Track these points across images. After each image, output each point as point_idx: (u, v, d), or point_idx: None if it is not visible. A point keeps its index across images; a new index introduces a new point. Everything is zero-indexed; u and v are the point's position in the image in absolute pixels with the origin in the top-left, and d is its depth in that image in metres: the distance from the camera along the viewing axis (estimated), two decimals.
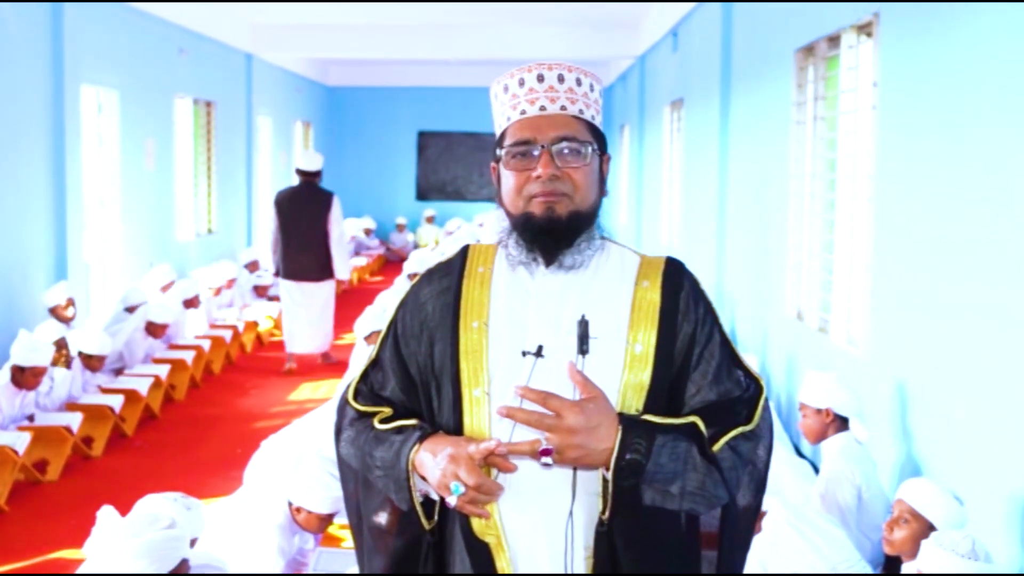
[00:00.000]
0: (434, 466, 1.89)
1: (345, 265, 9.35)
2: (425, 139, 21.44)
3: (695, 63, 10.32)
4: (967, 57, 4.33)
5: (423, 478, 1.94)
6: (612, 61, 17.56)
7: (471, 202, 21.11)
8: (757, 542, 3.78)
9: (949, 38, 4.49)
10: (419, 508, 1.97)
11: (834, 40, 6.21)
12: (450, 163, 21.42)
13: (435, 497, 1.98)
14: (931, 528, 3.65)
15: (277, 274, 9.36)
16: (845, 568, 3.69)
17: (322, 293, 9.35)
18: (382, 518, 2.07)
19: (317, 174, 9.24)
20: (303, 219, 9.12)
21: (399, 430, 2.00)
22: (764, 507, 3.84)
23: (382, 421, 2.05)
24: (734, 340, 8.60)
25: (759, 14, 8.02)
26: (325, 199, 9.18)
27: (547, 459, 1.83)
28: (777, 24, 7.42)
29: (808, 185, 6.76)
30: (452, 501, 1.88)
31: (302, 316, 9.35)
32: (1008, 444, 3.88)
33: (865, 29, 5.67)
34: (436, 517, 2.00)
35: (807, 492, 4.55)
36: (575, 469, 1.89)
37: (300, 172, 9.25)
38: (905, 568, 3.69)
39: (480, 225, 17.22)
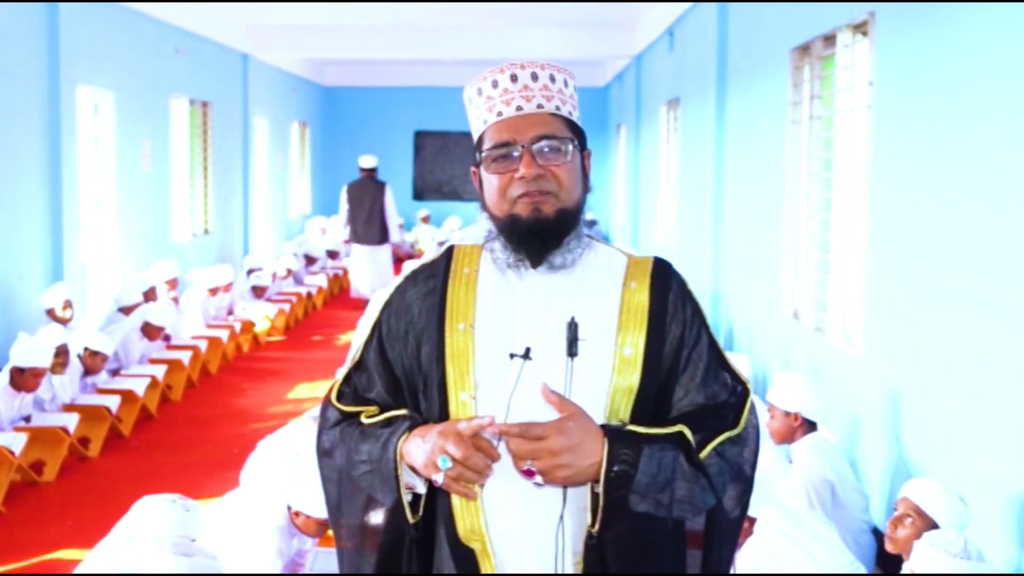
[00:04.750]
0: (423, 445, 1.88)
1: (397, 232, 13.27)
2: (421, 139, 21.43)
3: (691, 63, 10.33)
4: (962, 56, 4.34)
5: (412, 469, 1.93)
6: (608, 61, 17.56)
7: (468, 201, 21.09)
8: (750, 548, 3.78)
9: (944, 37, 4.50)
10: (405, 501, 1.95)
11: (830, 39, 6.21)
12: (446, 163, 21.42)
13: (421, 490, 1.96)
14: (934, 527, 3.65)
15: (348, 241, 13.18)
16: (840, 572, 3.69)
17: (382, 252, 12.96)
18: (366, 519, 2.05)
19: (374, 170, 12.98)
20: (366, 201, 12.78)
21: (388, 422, 2.00)
22: (757, 513, 3.84)
23: (369, 417, 2.04)
24: (730, 339, 8.68)
25: (755, 13, 8.03)
26: (381, 187, 12.91)
27: (537, 478, 1.83)
28: (773, 23, 7.43)
29: (804, 184, 6.77)
30: (439, 479, 1.86)
31: (367, 269, 12.93)
32: (1004, 444, 3.89)
33: (860, 28, 5.68)
34: (421, 512, 1.97)
35: (782, 491, 4.54)
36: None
37: (362, 169, 12.97)
38: (905, 567, 3.69)
39: None
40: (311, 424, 5.42)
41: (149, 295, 9.31)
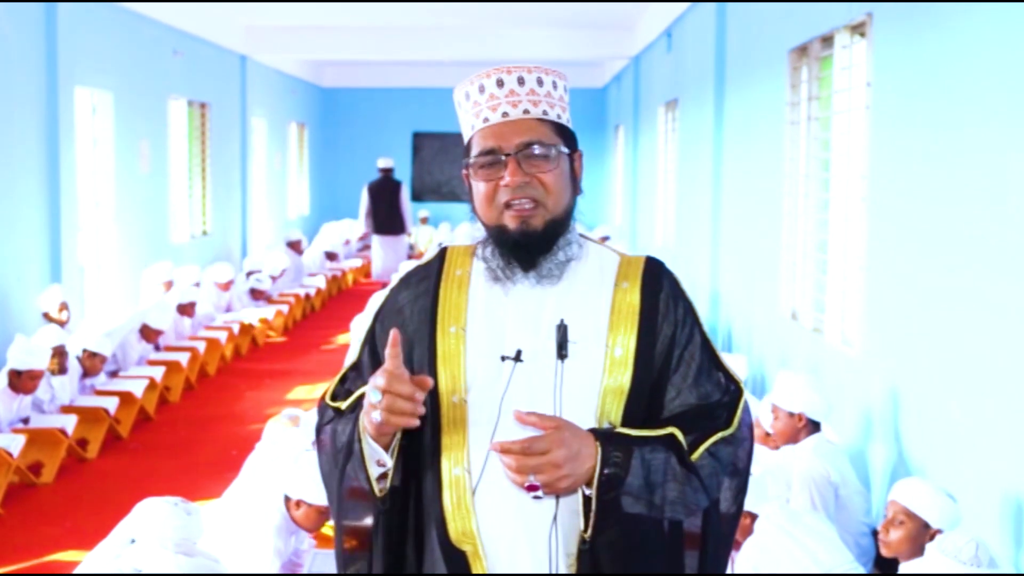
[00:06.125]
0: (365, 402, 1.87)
1: (411, 224, 15.05)
2: (419, 140, 21.43)
3: (689, 63, 10.33)
4: (960, 57, 4.34)
5: (378, 443, 1.90)
6: (607, 62, 17.57)
7: (466, 203, 20.98)
8: (750, 546, 3.78)
9: (942, 38, 4.50)
10: (372, 476, 1.92)
11: (827, 40, 6.22)
12: (444, 164, 21.41)
13: (388, 463, 1.92)
14: (926, 527, 3.65)
15: (367, 234, 14.62)
16: (839, 571, 3.70)
17: (399, 242, 14.43)
18: (349, 511, 2.05)
19: (391, 169, 14.45)
20: (385, 197, 14.21)
21: (357, 404, 1.99)
22: (758, 511, 3.84)
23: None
24: (728, 340, 8.68)
25: (753, 14, 8.03)
26: (398, 185, 14.43)
27: (537, 493, 1.82)
28: (771, 24, 7.43)
29: (802, 185, 6.77)
30: (376, 416, 1.82)
31: (386, 255, 14.31)
32: (1002, 444, 3.89)
33: (858, 29, 5.69)
34: (389, 485, 1.95)
35: (783, 492, 4.54)
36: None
37: (380, 169, 14.37)
38: (903, 568, 3.69)
39: None
40: (287, 424, 5.44)
41: (186, 310, 9.35)
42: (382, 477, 1.94)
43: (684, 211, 10.74)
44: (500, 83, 1.97)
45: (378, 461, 1.92)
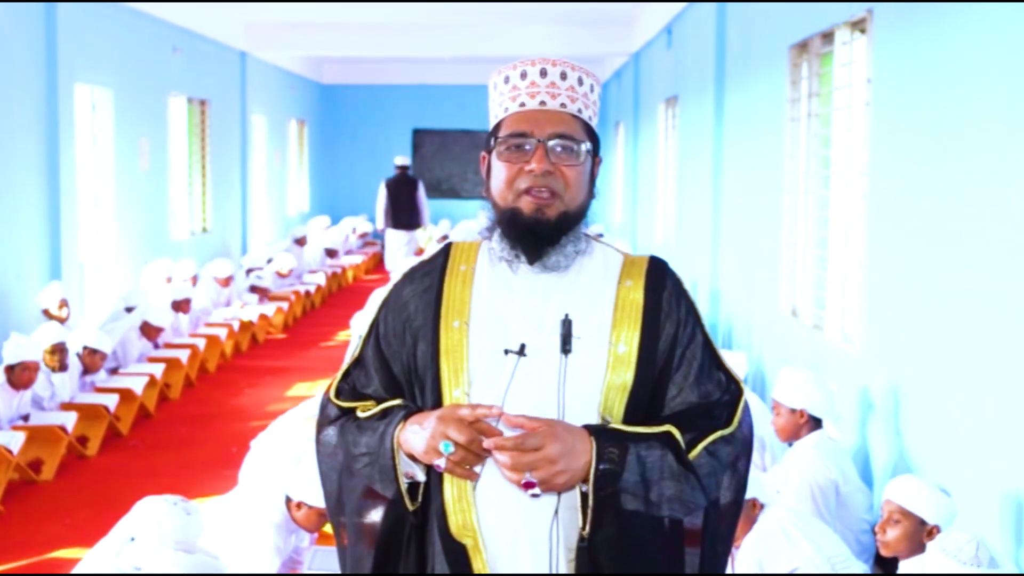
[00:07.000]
0: (421, 432, 1.89)
1: (427, 219, 15.10)
2: (420, 137, 21.42)
3: (689, 60, 10.32)
4: (960, 53, 4.34)
5: (410, 457, 1.93)
6: (607, 58, 17.56)
7: (466, 200, 21.09)
8: (753, 542, 3.78)
9: (942, 34, 4.50)
10: (404, 490, 1.96)
11: (828, 36, 6.21)
12: (445, 161, 21.41)
13: (420, 478, 1.96)
14: (923, 524, 3.65)
15: (382, 228, 14.80)
16: (842, 568, 3.69)
17: (413, 236, 14.77)
18: (366, 513, 2.06)
19: (407, 167, 14.87)
20: (402, 193, 14.54)
21: (384, 414, 2.00)
22: (765, 501, 3.84)
23: (365, 411, 2.04)
24: (728, 337, 8.66)
25: (753, 11, 8.02)
26: (414, 181, 14.86)
27: (535, 490, 1.83)
28: (771, 21, 7.42)
29: (802, 182, 6.76)
30: (441, 463, 1.87)
31: (401, 250, 14.52)
32: (1002, 442, 3.89)
33: (859, 25, 5.68)
34: (420, 499, 1.98)
35: (783, 490, 4.53)
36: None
37: (397, 167, 14.76)
38: (902, 567, 3.69)
39: None
40: (309, 423, 5.42)
41: (181, 307, 9.38)
42: (411, 488, 1.98)
43: (684, 208, 10.74)
44: (543, 73, 2.00)
45: (406, 473, 1.96)
